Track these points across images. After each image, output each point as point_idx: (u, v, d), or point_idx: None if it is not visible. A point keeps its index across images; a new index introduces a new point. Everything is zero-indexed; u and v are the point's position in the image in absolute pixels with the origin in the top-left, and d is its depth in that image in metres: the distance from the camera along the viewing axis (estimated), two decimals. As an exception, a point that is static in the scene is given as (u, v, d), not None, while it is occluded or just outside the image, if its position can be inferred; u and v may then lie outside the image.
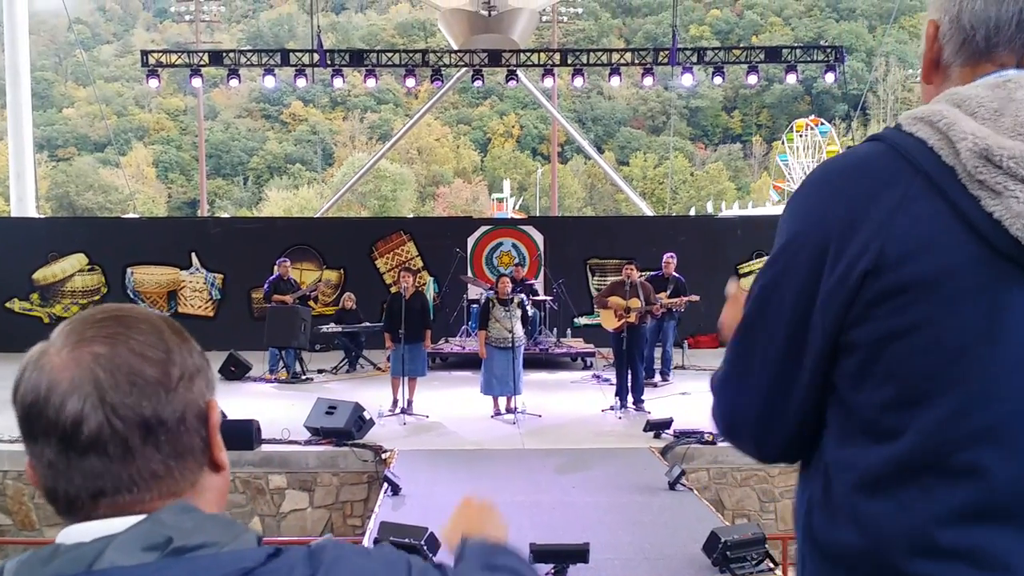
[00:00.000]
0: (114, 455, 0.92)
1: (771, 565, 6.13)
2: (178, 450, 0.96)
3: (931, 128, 1.22)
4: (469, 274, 16.99)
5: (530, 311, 13.17)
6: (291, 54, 18.61)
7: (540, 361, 14.86)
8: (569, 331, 16.74)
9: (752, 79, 18.51)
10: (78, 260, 17.73)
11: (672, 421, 9.74)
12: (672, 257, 13.04)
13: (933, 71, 1.38)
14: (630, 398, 11.15)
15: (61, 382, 0.92)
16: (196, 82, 18.49)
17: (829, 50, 18.66)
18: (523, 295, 11.84)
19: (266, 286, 13.90)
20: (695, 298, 12.32)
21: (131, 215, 32.27)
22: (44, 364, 0.94)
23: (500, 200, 45.62)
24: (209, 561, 0.88)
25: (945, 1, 1.33)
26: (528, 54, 19.32)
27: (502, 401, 10.98)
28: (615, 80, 18.78)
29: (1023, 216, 1.13)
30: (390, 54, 19.15)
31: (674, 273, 12.91)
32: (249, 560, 0.89)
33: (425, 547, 5.87)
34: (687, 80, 18.69)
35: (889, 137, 1.27)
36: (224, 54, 18.59)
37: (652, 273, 12.66)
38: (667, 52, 18.14)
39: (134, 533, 0.88)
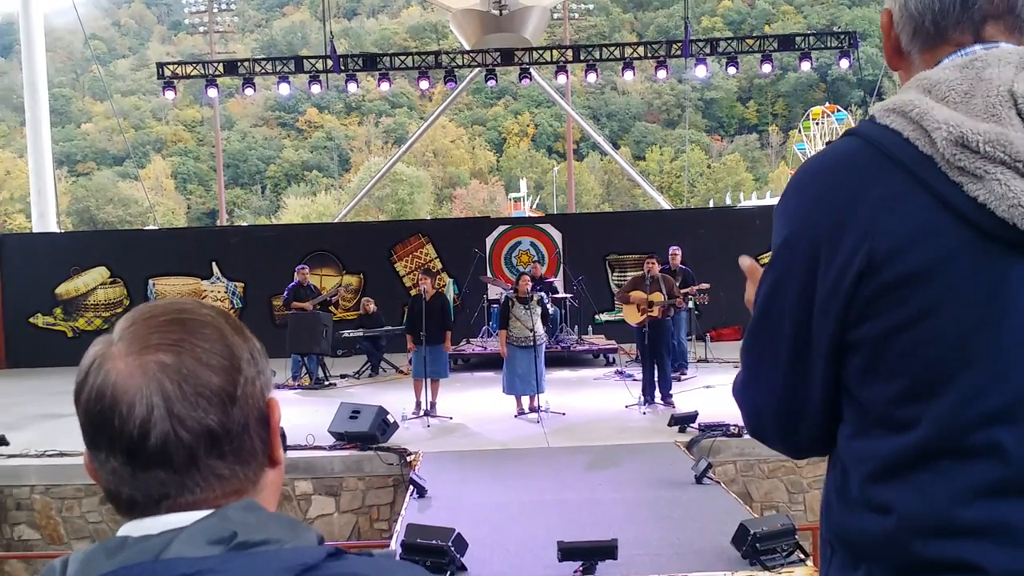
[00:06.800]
0: (179, 465, 0.93)
1: (801, 556, 6.07)
2: (242, 456, 0.97)
3: (904, 119, 1.22)
4: (488, 274, 16.99)
5: (550, 309, 13.14)
6: (305, 61, 18.67)
7: (562, 359, 14.84)
8: (590, 328, 16.71)
9: (766, 68, 18.37)
10: (100, 273, 17.87)
11: (697, 415, 9.68)
12: (677, 250, 13.08)
13: (897, 58, 1.38)
14: (657, 393, 11.11)
15: (127, 391, 0.91)
16: (212, 92, 18.59)
17: (843, 36, 18.51)
18: (543, 293, 11.81)
19: (286, 293, 13.94)
20: (705, 286, 12.47)
21: (151, 227, 32.47)
22: (108, 369, 0.93)
23: (517, 199, 45.69)
24: (271, 556, 0.89)
25: None
26: (540, 52, 19.28)
27: (525, 400, 10.96)
28: (628, 75, 18.69)
29: (1007, 197, 1.14)
30: (403, 57, 19.13)
31: (681, 265, 12.93)
32: (309, 558, 0.90)
33: (452, 548, 5.86)
34: (701, 72, 18.57)
35: (865, 131, 1.27)
36: (239, 64, 18.67)
37: (660, 267, 12.65)
38: (680, 44, 18.05)
39: (200, 527, 0.90)
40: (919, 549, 1.20)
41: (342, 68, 18.10)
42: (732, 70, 18.35)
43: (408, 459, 8.90)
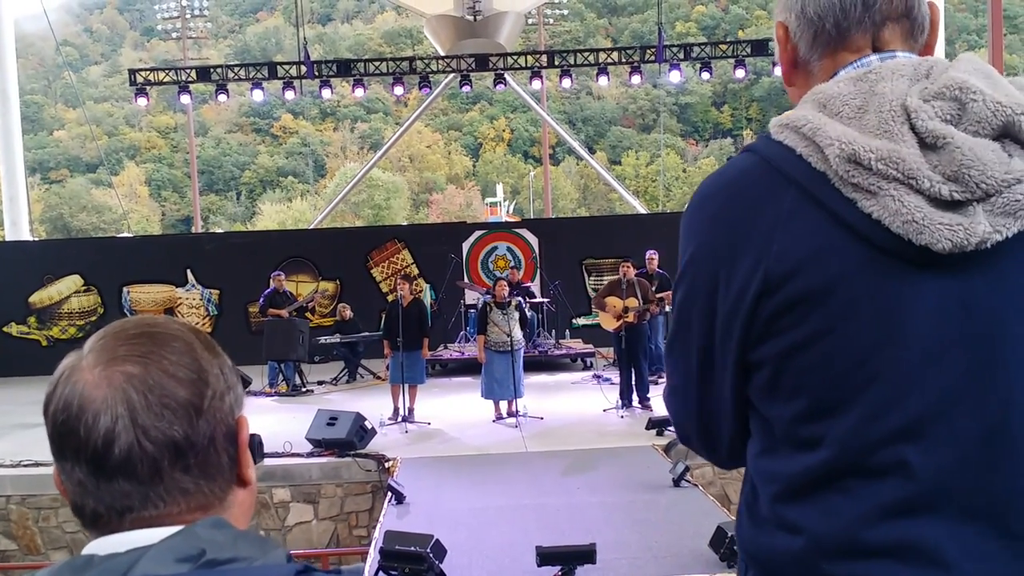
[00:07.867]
0: (143, 477, 0.93)
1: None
2: (207, 471, 0.96)
3: (797, 135, 1.21)
4: (465, 279, 16.99)
5: (528, 314, 13.16)
6: (279, 67, 18.58)
7: (540, 363, 14.86)
8: (568, 332, 16.74)
9: (740, 73, 18.45)
10: (74, 282, 17.72)
11: (674, 418, 9.71)
12: (655, 254, 13.08)
13: (794, 72, 1.38)
14: (635, 397, 11.15)
15: (93, 401, 0.92)
16: (185, 99, 18.47)
17: (815, 41, 18.60)
18: (520, 298, 11.84)
19: (261, 300, 13.89)
20: None
21: (125, 234, 32.24)
22: (76, 380, 0.93)
23: (494, 204, 45.60)
24: (239, 574, 0.89)
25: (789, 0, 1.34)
26: (515, 57, 19.29)
27: (503, 405, 10.98)
28: (603, 80, 18.74)
29: (901, 213, 1.12)
30: (377, 63, 19.08)
31: (658, 269, 12.97)
32: (277, 574, 0.90)
33: (431, 555, 5.86)
34: (675, 77, 18.65)
35: (760, 148, 1.26)
36: (212, 70, 18.55)
37: (637, 271, 12.68)
38: (654, 50, 18.10)
39: (168, 545, 0.89)
40: (828, 569, 1.20)
41: (316, 74, 18.04)
42: (706, 75, 18.44)
43: (386, 465, 8.88)
